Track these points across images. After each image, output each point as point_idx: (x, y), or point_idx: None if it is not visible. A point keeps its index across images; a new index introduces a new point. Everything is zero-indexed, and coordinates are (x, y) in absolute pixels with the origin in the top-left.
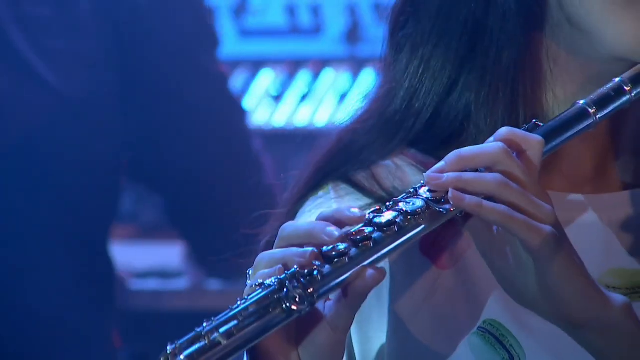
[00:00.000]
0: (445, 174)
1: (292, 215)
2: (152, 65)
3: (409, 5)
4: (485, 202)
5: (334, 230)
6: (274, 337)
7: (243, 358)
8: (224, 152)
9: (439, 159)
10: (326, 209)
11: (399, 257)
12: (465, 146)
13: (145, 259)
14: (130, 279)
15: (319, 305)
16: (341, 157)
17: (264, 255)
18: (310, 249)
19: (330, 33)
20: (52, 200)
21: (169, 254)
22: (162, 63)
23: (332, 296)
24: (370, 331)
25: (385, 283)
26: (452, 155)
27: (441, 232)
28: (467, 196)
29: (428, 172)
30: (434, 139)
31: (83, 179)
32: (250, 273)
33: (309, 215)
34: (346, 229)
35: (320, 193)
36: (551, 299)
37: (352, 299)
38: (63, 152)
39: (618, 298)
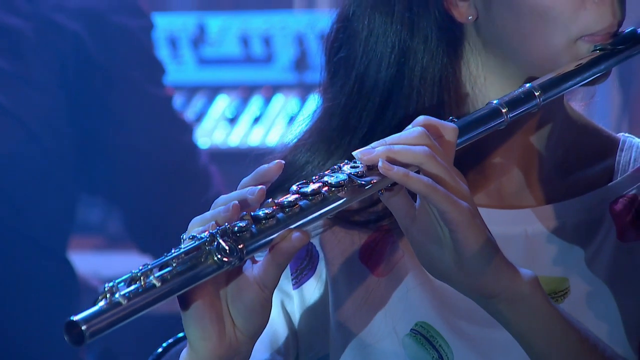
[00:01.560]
0: (376, 149)
1: None
2: (99, 90)
3: (342, 31)
4: (412, 173)
5: (256, 188)
6: (205, 289)
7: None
8: (171, 167)
9: None
10: None
11: (341, 265)
12: None
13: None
14: (98, 285)
15: (248, 266)
16: (286, 172)
17: (196, 218)
18: (234, 202)
19: (281, 62)
20: (14, 212)
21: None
22: (109, 88)
23: (260, 258)
24: (315, 323)
25: (329, 288)
26: (379, 141)
27: (378, 243)
28: (395, 166)
29: (357, 150)
30: None
31: (39, 192)
32: (183, 237)
33: None
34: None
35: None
36: (465, 270)
37: (279, 257)
38: (20, 169)
39: (527, 272)
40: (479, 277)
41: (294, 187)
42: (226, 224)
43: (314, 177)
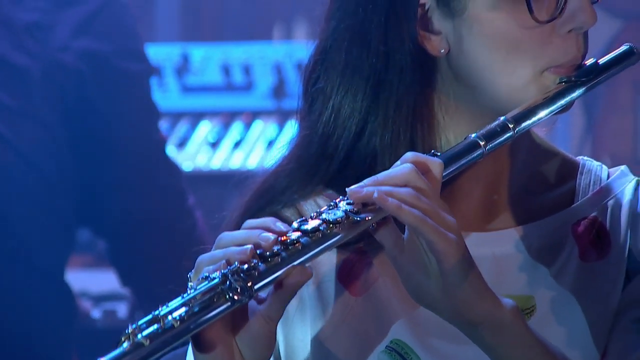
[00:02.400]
0: (366, 187)
1: None
2: (98, 127)
3: (320, 63)
4: (404, 205)
5: (269, 235)
6: (216, 326)
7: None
8: (160, 207)
9: None
10: None
11: (319, 285)
12: None
13: (100, 284)
14: (86, 301)
15: (252, 301)
16: (267, 197)
17: (205, 256)
18: (249, 246)
19: (260, 89)
20: (16, 238)
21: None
22: (107, 126)
23: (264, 295)
24: (295, 341)
25: (307, 307)
26: (370, 179)
27: (355, 264)
28: (390, 198)
29: (350, 188)
30: (347, 179)
31: (36, 222)
32: (191, 275)
33: None
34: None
35: None
36: (451, 298)
37: (284, 293)
38: (21, 196)
39: (508, 302)
40: (464, 306)
41: (295, 225)
42: (236, 263)
43: (312, 214)
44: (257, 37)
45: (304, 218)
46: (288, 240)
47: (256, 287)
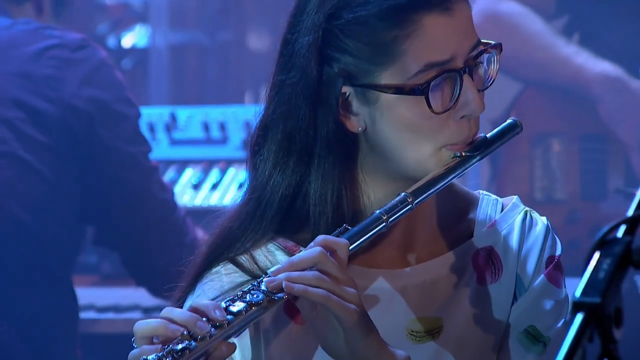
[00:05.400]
0: (278, 276)
1: (192, 287)
2: (102, 156)
3: (261, 137)
4: (310, 288)
5: (205, 326)
6: None
7: None
8: (158, 220)
9: (299, 242)
10: (216, 283)
11: (270, 315)
12: (313, 231)
13: (105, 300)
14: (92, 311)
15: None
16: (225, 244)
17: (141, 324)
18: (181, 329)
19: (233, 142)
20: (30, 248)
21: (122, 296)
22: (109, 154)
23: None
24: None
25: (262, 331)
26: (286, 261)
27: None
28: (296, 285)
29: (265, 278)
30: (291, 228)
31: (52, 233)
32: (134, 340)
33: (204, 288)
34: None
35: (214, 270)
36: (354, 356)
37: None
38: (42, 214)
39: (401, 354)
40: None
41: (223, 304)
42: (170, 345)
43: (237, 295)
44: (231, 101)
45: (230, 298)
46: (217, 323)
47: None
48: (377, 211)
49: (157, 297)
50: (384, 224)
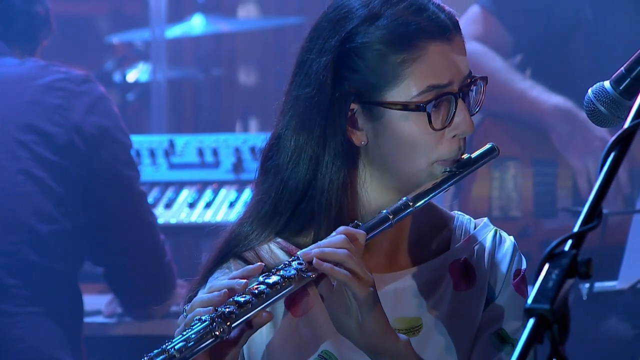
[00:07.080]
0: (313, 250)
1: (204, 281)
2: (102, 176)
3: (275, 145)
4: (336, 267)
5: (242, 282)
6: (203, 354)
7: None
8: (142, 240)
9: (298, 245)
10: (226, 277)
11: (273, 307)
12: (313, 236)
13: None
14: (99, 316)
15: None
16: (234, 242)
17: (197, 300)
18: (224, 290)
19: (225, 166)
20: (43, 254)
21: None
22: (108, 174)
23: (236, 331)
24: (255, 347)
25: (265, 326)
26: (315, 244)
27: (297, 293)
28: (325, 262)
29: (300, 251)
30: (294, 230)
31: (62, 241)
32: (186, 309)
33: (215, 282)
34: (252, 283)
35: (225, 265)
36: (364, 333)
37: (251, 329)
38: (48, 221)
39: (403, 337)
40: (373, 339)
41: (261, 278)
42: (220, 308)
43: (274, 270)
44: (223, 129)
45: (267, 274)
46: (257, 291)
47: (233, 325)
48: (384, 211)
49: (132, 309)
50: (390, 222)
